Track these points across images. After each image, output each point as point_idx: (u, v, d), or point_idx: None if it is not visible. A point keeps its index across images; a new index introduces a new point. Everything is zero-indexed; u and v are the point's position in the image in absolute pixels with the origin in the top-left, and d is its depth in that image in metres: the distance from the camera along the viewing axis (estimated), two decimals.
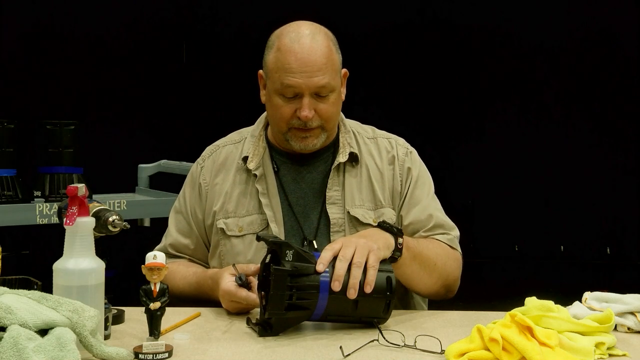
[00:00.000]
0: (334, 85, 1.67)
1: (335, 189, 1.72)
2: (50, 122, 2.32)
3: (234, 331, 1.40)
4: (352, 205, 1.72)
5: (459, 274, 1.72)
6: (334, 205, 1.71)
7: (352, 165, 1.75)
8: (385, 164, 1.77)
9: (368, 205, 1.73)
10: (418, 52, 4.85)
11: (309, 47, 1.64)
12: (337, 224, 1.70)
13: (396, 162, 1.77)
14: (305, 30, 1.67)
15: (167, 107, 4.74)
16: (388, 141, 1.81)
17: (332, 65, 1.66)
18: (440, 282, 1.66)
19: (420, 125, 4.51)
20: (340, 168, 1.74)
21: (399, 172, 1.77)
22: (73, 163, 2.33)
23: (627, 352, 1.27)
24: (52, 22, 4.41)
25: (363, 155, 1.77)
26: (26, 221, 2.20)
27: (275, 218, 1.71)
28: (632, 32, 4.82)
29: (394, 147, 1.80)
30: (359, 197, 1.73)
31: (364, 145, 1.79)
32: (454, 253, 1.72)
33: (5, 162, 2.21)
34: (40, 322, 1.12)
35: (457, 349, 1.21)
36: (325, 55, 1.65)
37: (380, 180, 1.75)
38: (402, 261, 1.52)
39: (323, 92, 1.65)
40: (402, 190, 1.76)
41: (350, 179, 1.74)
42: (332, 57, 1.67)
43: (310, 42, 1.65)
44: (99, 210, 1.37)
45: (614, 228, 4.89)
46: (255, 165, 1.73)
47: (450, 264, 1.68)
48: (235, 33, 4.93)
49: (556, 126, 4.90)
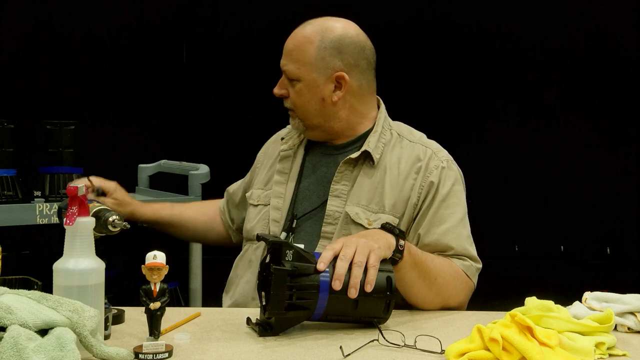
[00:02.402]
0: (298, 75, 1.73)
1: (343, 182, 1.73)
2: (50, 122, 2.32)
3: (234, 331, 1.40)
4: (354, 203, 1.71)
5: (463, 300, 1.66)
6: (337, 199, 1.72)
7: (370, 165, 1.74)
8: (411, 172, 1.73)
9: (372, 207, 1.70)
10: (417, 52, 4.85)
11: (293, 33, 1.76)
12: (332, 216, 1.71)
13: (421, 172, 1.72)
14: (315, 20, 1.77)
15: (168, 107, 4.74)
16: (425, 149, 1.77)
17: (299, 55, 1.73)
18: (439, 300, 1.61)
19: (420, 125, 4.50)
20: (356, 164, 1.74)
21: (420, 183, 1.71)
22: (73, 163, 2.33)
23: (627, 352, 1.27)
24: (52, 21, 4.41)
25: (387, 157, 1.74)
26: (26, 221, 2.20)
27: (280, 194, 1.80)
28: (632, 32, 4.82)
29: (427, 157, 1.75)
30: (366, 197, 1.71)
31: (399, 148, 1.77)
32: (464, 278, 1.66)
33: (5, 162, 2.21)
34: (40, 322, 1.12)
35: (457, 349, 1.21)
36: (297, 44, 1.73)
37: (397, 185, 1.71)
38: (402, 265, 1.51)
39: (287, 75, 1.75)
40: (418, 203, 1.70)
41: (363, 177, 1.73)
42: (305, 47, 1.72)
43: (298, 29, 1.76)
44: (99, 210, 1.37)
45: (614, 228, 4.88)
46: (287, 146, 1.86)
47: (455, 285, 1.63)
48: (235, 33, 4.93)
49: (556, 126, 4.89)
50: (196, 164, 2.74)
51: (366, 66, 1.77)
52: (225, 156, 4.22)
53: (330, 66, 1.72)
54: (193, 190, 2.62)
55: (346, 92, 1.74)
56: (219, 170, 2.78)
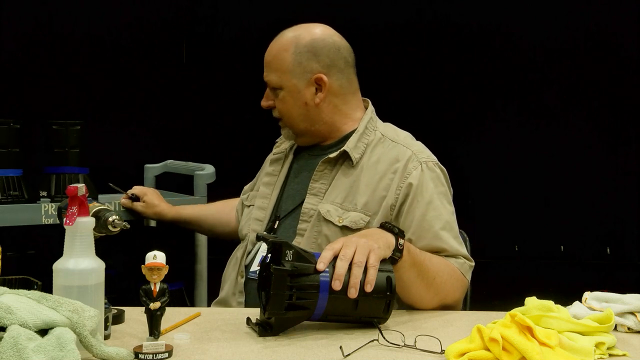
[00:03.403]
0: (280, 84, 1.78)
1: (322, 182, 1.77)
2: (56, 122, 2.32)
3: (234, 331, 1.40)
4: (328, 201, 1.74)
5: (459, 297, 1.68)
6: (315, 197, 1.76)
7: (349, 165, 1.76)
8: (387, 172, 1.73)
9: (346, 205, 1.72)
10: (417, 52, 4.85)
11: (270, 45, 1.81)
12: (307, 214, 1.75)
13: (399, 173, 1.72)
14: (289, 29, 1.81)
15: (172, 107, 4.75)
16: (405, 150, 1.75)
17: (277, 64, 1.77)
18: (437, 299, 1.62)
19: (420, 125, 4.49)
20: (335, 164, 1.77)
21: (397, 184, 1.71)
22: (79, 163, 2.33)
23: (627, 352, 1.27)
24: (55, 22, 4.42)
25: (366, 158, 1.76)
26: (32, 221, 2.20)
27: (266, 194, 1.87)
28: (632, 32, 4.82)
29: (406, 158, 1.73)
30: (341, 195, 1.73)
31: (380, 148, 1.77)
32: (460, 276, 1.67)
33: (11, 162, 2.21)
34: (40, 322, 1.12)
35: (457, 349, 1.21)
36: (274, 54, 1.78)
37: (370, 184, 1.72)
38: (401, 264, 1.51)
39: (271, 86, 1.81)
40: (396, 205, 1.70)
41: (341, 177, 1.76)
42: (281, 56, 1.76)
43: (274, 41, 1.81)
44: (98, 210, 1.37)
45: (614, 228, 4.88)
46: (278, 150, 1.94)
47: (452, 283, 1.64)
48: (235, 33, 4.93)
49: (556, 126, 4.89)
50: (202, 164, 2.74)
51: (344, 65, 1.80)
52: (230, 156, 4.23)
53: (308, 70, 1.76)
54: (199, 191, 2.62)
55: (327, 92, 1.78)
56: (224, 171, 2.79)
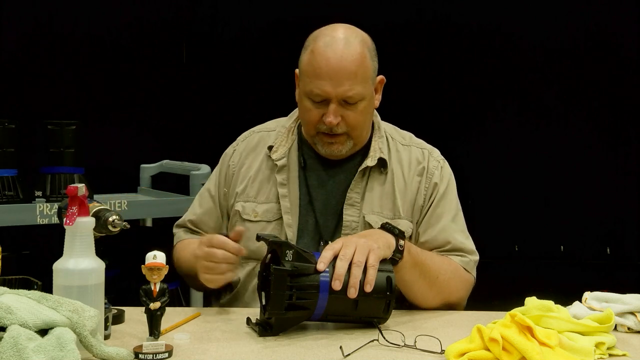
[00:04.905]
0: (364, 94, 1.63)
1: (357, 191, 1.70)
2: (51, 122, 2.32)
3: (234, 331, 1.40)
4: (369, 211, 1.69)
5: (464, 295, 1.67)
6: (352, 208, 1.69)
7: (379, 171, 1.72)
8: (414, 175, 1.73)
9: (386, 213, 1.69)
10: (417, 52, 4.85)
11: (341, 54, 1.60)
12: (349, 226, 1.68)
13: (425, 175, 1.73)
14: (341, 35, 1.63)
15: (170, 107, 4.74)
16: (421, 151, 1.77)
17: (363, 74, 1.62)
18: (440, 298, 1.62)
19: (420, 125, 4.49)
20: (366, 172, 1.71)
21: (424, 185, 1.72)
22: (74, 163, 2.33)
23: (627, 352, 1.27)
24: (52, 21, 4.41)
25: (392, 162, 1.73)
26: (27, 221, 2.20)
27: (290, 210, 1.70)
28: (632, 32, 4.82)
29: (426, 159, 1.75)
30: (379, 203, 1.70)
31: (396, 152, 1.76)
32: (465, 274, 1.67)
33: (6, 162, 2.21)
34: (40, 322, 1.12)
35: (457, 349, 1.21)
36: (357, 63, 1.61)
37: (403, 190, 1.71)
38: (402, 265, 1.51)
39: (351, 100, 1.62)
40: (424, 205, 1.71)
41: (374, 184, 1.71)
42: (365, 64, 1.62)
43: (342, 48, 1.60)
44: (98, 210, 1.37)
45: (614, 228, 4.88)
46: (279, 155, 1.74)
47: (456, 282, 1.64)
48: (235, 33, 4.93)
49: (556, 126, 4.89)
50: (197, 164, 2.75)
51: None
52: None
53: (375, 73, 1.70)
54: (194, 190, 2.62)
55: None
56: None
